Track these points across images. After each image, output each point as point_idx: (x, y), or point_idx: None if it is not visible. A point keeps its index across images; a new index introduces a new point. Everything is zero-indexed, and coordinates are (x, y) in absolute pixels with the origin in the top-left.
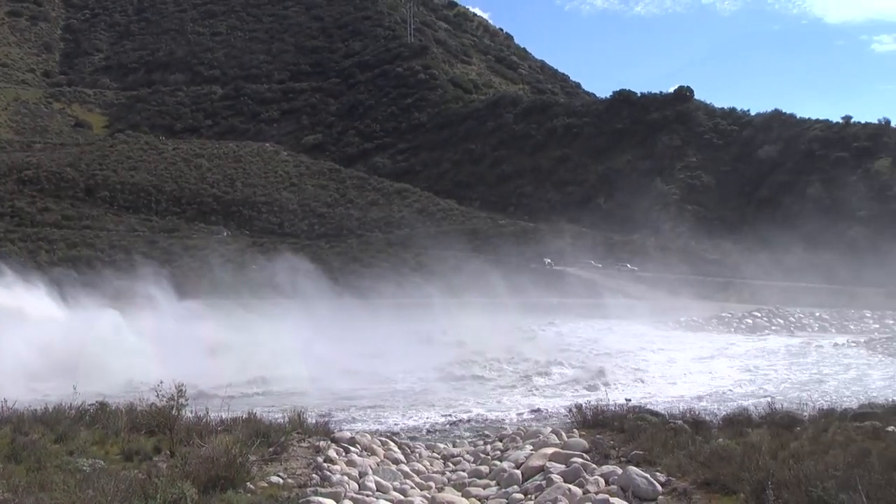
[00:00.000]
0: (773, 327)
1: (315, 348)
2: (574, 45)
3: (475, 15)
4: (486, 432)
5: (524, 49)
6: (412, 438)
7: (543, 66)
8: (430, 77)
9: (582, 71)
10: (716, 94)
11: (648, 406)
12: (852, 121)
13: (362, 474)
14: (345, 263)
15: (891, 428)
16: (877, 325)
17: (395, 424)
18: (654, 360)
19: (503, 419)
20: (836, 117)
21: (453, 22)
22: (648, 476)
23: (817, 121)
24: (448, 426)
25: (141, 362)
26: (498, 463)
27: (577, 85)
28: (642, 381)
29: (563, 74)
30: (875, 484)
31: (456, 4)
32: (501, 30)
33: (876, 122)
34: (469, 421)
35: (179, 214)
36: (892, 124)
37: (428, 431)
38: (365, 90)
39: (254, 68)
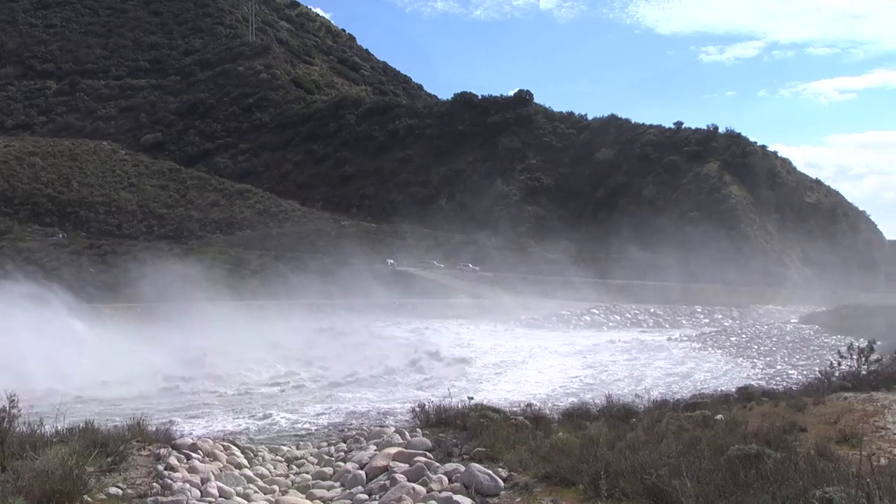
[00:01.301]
0: (611, 324)
1: (166, 352)
2: (416, 47)
3: (317, 15)
4: (331, 434)
5: (367, 50)
6: (257, 441)
7: (386, 68)
8: (272, 77)
9: (424, 73)
10: (554, 98)
11: (491, 403)
12: (683, 126)
13: (204, 480)
14: (187, 266)
15: (719, 416)
16: (707, 320)
17: (240, 428)
18: (496, 358)
19: (349, 420)
20: (668, 123)
21: (295, 22)
22: (491, 472)
23: (651, 126)
24: (293, 428)
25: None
26: (342, 464)
27: (420, 87)
28: (485, 379)
29: (406, 76)
30: (704, 469)
31: (298, 4)
32: (344, 31)
33: (705, 127)
34: (314, 423)
35: (11, 215)
36: (720, 130)
37: (274, 434)
38: (206, 88)
39: (90, 63)
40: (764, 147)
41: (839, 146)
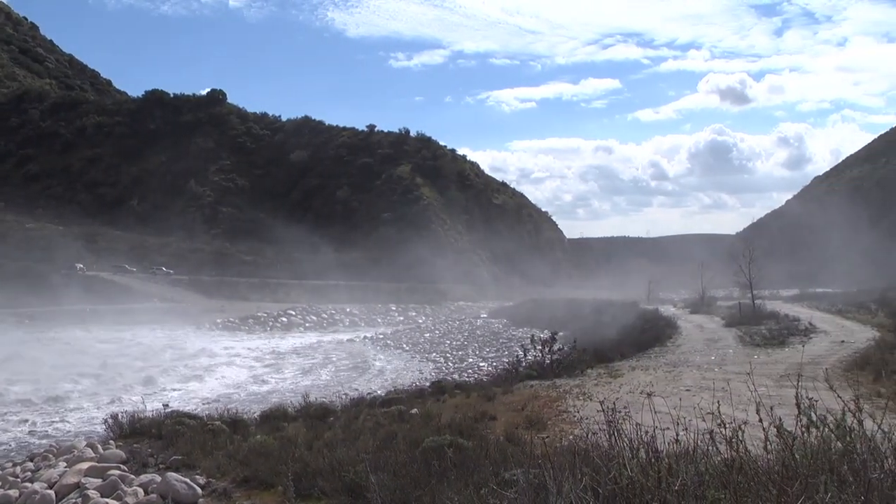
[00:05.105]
0: (307, 325)
1: None
2: (103, 40)
3: None
4: (14, 454)
5: (51, 41)
6: None
7: (72, 61)
8: None
9: (113, 68)
10: (247, 98)
11: (188, 409)
12: (376, 129)
13: None
14: None
15: (414, 410)
16: (402, 318)
17: None
18: (193, 363)
19: (36, 439)
20: (361, 125)
21: None
22: (188, 480)
23: (344, 128)
24: None
25: None
26: (29, 485)
27: (109, 82)
28: (181, 385)
29: (94, 71)
30: (400, 462)
31: None
32: (25, 19)
33: (397, 131)
34: None
35: None
36: (412, 134)
37: None
38: None
39: None
40: (453, 151)
41: (521, 151)
